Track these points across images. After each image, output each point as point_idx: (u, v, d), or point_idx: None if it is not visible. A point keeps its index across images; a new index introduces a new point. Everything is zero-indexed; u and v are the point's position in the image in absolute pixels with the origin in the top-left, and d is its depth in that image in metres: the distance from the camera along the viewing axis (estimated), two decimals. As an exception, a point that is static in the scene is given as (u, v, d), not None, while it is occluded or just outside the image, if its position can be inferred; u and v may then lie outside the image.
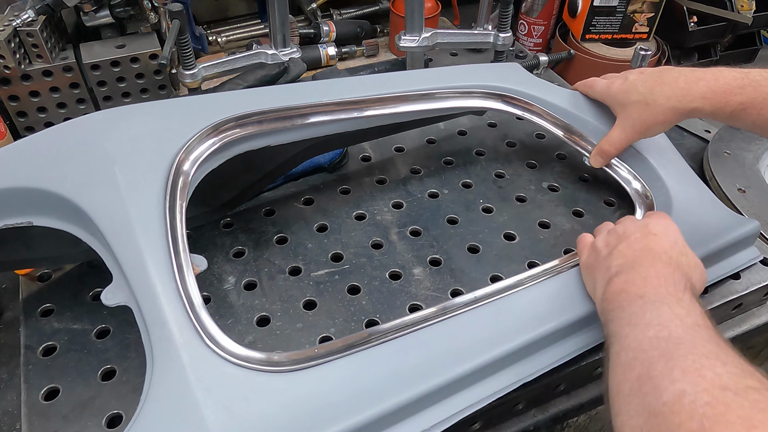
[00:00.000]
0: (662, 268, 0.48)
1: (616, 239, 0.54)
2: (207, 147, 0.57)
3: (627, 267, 0.49)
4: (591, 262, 0.55)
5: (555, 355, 0.55)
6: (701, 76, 0.59)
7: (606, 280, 0.50)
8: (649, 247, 0.51)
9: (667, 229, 0.53)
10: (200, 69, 0.84)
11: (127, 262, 0.47)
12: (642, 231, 0.53)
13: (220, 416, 0.41)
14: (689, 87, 0.59)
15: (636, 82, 0.64)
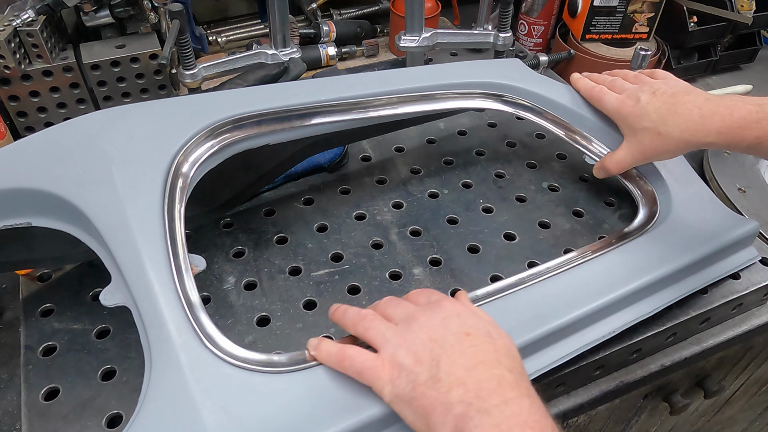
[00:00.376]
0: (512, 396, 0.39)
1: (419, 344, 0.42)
2: (206, 149, 0.57)
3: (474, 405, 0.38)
4: (406, 393, 0.41)
5: (554, 356, 0.55)
6: (716, 110, 0.58)
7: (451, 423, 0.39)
8: (478, 361, 0.41)
9: (473, 320, 0.44)
10: (200, 69, 0.84)
11: (125, 263, 0.47)
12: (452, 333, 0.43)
13: (218, 417, 0.41)
14: (704, 122, 0.58)
15: (648, 107, 0.62)
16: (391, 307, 0.47)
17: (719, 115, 0.57)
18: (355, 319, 0.47)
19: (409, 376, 0.41)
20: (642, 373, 0.65)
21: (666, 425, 0.95)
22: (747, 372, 0.90)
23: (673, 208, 0.65)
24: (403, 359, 0.42)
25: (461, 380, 0.40)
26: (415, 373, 0.41)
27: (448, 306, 0.45)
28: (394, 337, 0.43)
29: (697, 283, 0.63)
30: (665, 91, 0.62)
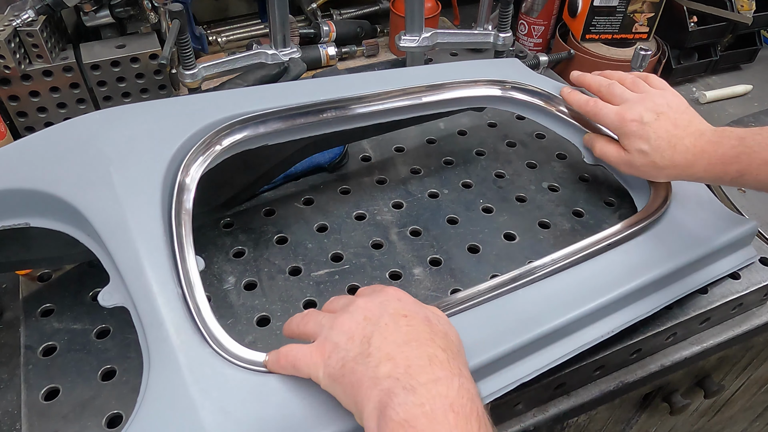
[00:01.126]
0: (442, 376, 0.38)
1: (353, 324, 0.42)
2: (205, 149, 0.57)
3: (402, 381, 0.37)
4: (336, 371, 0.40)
5: (554, 355, 0.55)
6: (704, 148, 0.59)
7: (376, 399, 0.38)
8: (411, 338, 0.40)
9: (411, 304, 0.44)
10: (200, 69, 0.84)
11: (124, 263, 0.47)
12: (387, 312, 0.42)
13: (216, 417, 0.41)
14: (695, 160, 0.60)
15: (650, 132, 0.62)
16: (335, 301, 0.47)
17: (707, 153, 0.59)
18: (298, 321, 0.46)
19: (339, 353, 0.41)
20: (642, 373, 0.65)
21: (666, 425, 0.95)
22: (747, 372, 0.90)
23: (672, 208, 0.65)
24: (336, 338, 0.41)
25: (391, 355, 0.39)
26: (346, 350, 0.40)
27: (390, 292, 0.45)
28: (329, 321, 0.43)
29: (696, 282, 0.63)
30: (668, 116, 0.62)
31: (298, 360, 0.43)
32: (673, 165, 0.61)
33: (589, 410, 0.65)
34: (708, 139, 0.60)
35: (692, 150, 0.60)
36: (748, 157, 0.56)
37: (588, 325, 0.56)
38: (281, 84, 0.69)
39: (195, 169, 0.55)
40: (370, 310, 0.42)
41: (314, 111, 0.64)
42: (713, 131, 0.60)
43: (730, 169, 0.57)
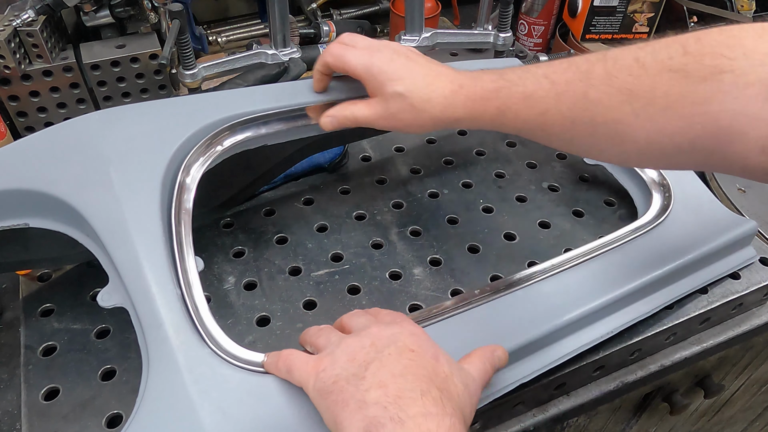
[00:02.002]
0: (434, 412, 0.37)
1: (359, 347, 0.41)
2: (205, 149, 0.57)
3: (389, 411, 0.37)
4: (326, 386, 0.40)
5: (553, 356, 0.55)
6: (463, 82, 0.54)
7: (360, 426, 0.37)
8: (409, 372, 0.39)
9: (424, 342, 0.43)
10: (200, 69, 0.84)
11: (123, 264, 0.47)
12: (395, 344, 0.41)
13: (215, 418, 0.41)
14: (454, 97, 0.54)
15: (403, 71, 0.55)
16: (355, 317, 0.47)
17: (465, 87, 0.54)
18: (313, 332, 0.47)
19: (335, 370, 0.40)
20: (642, 373, 0.65)
21: (666, 425, 0.94)
22: (747, 372, 0.90)
23: (672, 208, 0.65)
24: (337, 356, 0.41)
25: (383, 383, 0.38)
26: (342, 369, 0.40)
27: (407, 326, 0.44)
28: (338, 340, 0.43)
29: (695, 282, 0.63)
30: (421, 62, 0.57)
31: (294, 366, 0.43)
32: (431, 105, 0.54)
33: (589, 410, 0.65)
34: (466, 74, 0.55)
35: (450, 86, 0.54)
36: (508, 90, 0.51)
37: (588, 326, 0.56)
38: (281, 84, 0.69)
39: (195, 169, 0.55)
40: (380, 339, 0.42)
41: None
42: (469, 73, 0.56)
43: (489, 105, 0.52)
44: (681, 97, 0.42)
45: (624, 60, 0.45)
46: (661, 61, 0.43)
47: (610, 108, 0.45)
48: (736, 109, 0.40)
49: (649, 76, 0.44)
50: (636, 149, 0.46)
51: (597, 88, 0.46)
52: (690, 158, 0.44)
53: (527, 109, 0.50)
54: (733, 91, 0.40)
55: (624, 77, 0.45)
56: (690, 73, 0.42)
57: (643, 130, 0.44)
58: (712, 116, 0.41)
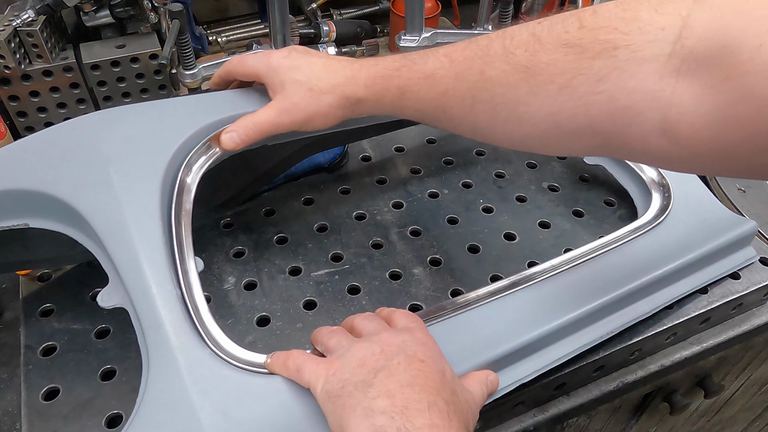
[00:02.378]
0: (440, 424, 0.37)
1: (369, 353, 0.41)
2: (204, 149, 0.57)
3: (396, 421, 0.37)
4: (334, 389, 0.40)
5: (553, 356, 0.55)
6: (364, 63, 0.53)
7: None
8: (417, 383, 0.39)
9: (433, 353, 0.43)
10: (200, 69, 0.84)
11: (123, 264, 0.47)
12: (405, 353, 0.41)
13: (216, 419, 0.41)
14: (354, 75, 0.52)
15: (301, 61, 0.54)
16: (366, 321, 0.47)
17: (365, 67, 0.52)
18: (325, 333, 0.46)
19: (344, 375, 0.40)
20: (642, 373, 0.65)
21: (666, 425, 0.94)
22: (747, 372, 0.90)
23: (671, 208, 0.65)
24: (347, 361, 0.41)
25: (391, 393, 0.38)
26: (351, 374, 0.40)
27: (417, 334, 0.44)
28: (349, 344, 0.43)
29: (695, 283, 0.63)
30: (321, 55, 0.56)
31: (304, 366, 0.43)
32: (331, 87, 0.52)
33: (589, 410, 0.65)
34: (368, 59, 0.54)
35: (350, 67, 0.53)
36: (409, 70, 0.49)
37: (588, 326, 0.56)
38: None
39: (195, 169, 0.55)
40: (389, 346, 0.42)
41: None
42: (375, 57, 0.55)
43: (391, 85, 0.50)
44: (578, 75, 0.40)
45: (521, 35, 0.43)
46: (557, 36, 0.41)
47: (507, 86, 0.43)
48: (632, 87, 0.37)
49: (546, 52, 0.41)
50: (537, 133, 0.44)
51: (494, 65, 0.44)
52: (591, 142, 0.42)
53: (428, 89, 0.48)
54: (629, 68, 0.37)
55: (521, 54, 0.43)
56: (586, 48, 0.39)
57: (541, 111, 0.42)
58: (608, 95, 0.39)
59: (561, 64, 0.40)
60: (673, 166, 0.41)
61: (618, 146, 0.41)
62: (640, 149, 0.40)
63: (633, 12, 0.38)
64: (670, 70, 0.36)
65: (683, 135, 0.36)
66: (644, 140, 0.39)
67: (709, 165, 0.38)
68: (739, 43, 0.33)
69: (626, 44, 0.38)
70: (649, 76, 0.37)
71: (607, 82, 0.38)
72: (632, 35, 0.38)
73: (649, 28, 0.37)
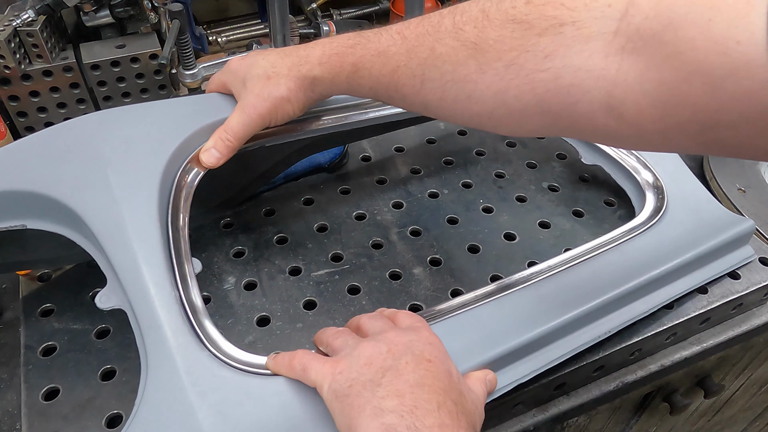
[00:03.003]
0: (449, 424, 0.38)
1: (376, 352, 0.41)
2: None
3: (406, 420, 0.37)
4: (342, 389, 0.40)
5: (552, 356, 0.55)
6: (319, 42, 0.52)
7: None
8: (426, 383, 0.39)
9: (440, 353, 0.43)
10: (200, 69, 0.84)
11: (121, 265, 0.47)
12: (412, 352, 0.41)
13: (214, 420, 0.41)
14: (307, 53, 0.52)
15: (258, 57, 0.55)
16: (372, 320, 0.47)
17: (320, 45, 0.52)
18: (330, 333, 0.46)
19: (351, 374, 0.40)
20: (642, 373, 0.65)
21: (666, 425, 0.94)
22: (747, 372, 0.90)
23: (669, 208, 0.65)
24: (354, 360, 0.41)
25: (401, 392, 0.38)
26: (359, 373, 0.40)
27: (424, 334, 0.44)
28: (355, 343, 0.43)
29: (694, 281, 0.63)
30: (279, 48, 0.56)
31: (310, 366, 0.43)
32: (287, 68, 0.52)
33: (589, 410, 0.65)
34: (323, 39, 0.53)
35: (304, 48, 0.53)
36: (363, 47, 0.49)
37: (587, 325, 0.56)
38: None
39: (193, 170, 0.55)
40: (396, 345, 0.42)
41: (313, 116, 0.64)
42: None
43: (345, 62, 0.50)
44: (524, 52, 0.39)
45: (471, 11, 0.43)
46: (504, 11, 0.41)
47: (456, 63, 0.43)
48: (577, 65, 0.37)
49: (494, 28, 0.41)
50: (486, 111, 0.43)
51: (444, 42, 0.44)
52: (541, 121, 0.41)
53: (380, 66, 0.47)
54: (575, 45, 0.37)
55: (470, 30, 0.42)
56: (532, 25, 0.39)
57: (489, 89, 0.42)
58: (554, 72, 0.38)
59: (508, 41, 0.40)
60: (622, 144, 0.41)
61: (566, 125, 0.41)
62: (589, 128, 0.39)
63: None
64: (616, 48, 0.36)
65: (629, 113, 0.36)
66: (591, 118, 0.38)
67: (657, 142, 0.38)
68: (687, 19, 0.32)
69: (572, 20, 0.37)
70: (594, 54, 0.36)
71: (553, 59, 0.38)
72: (578, 11, 0.37)
73: (596, 5, 0.37)
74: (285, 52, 0.54)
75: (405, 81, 0.46)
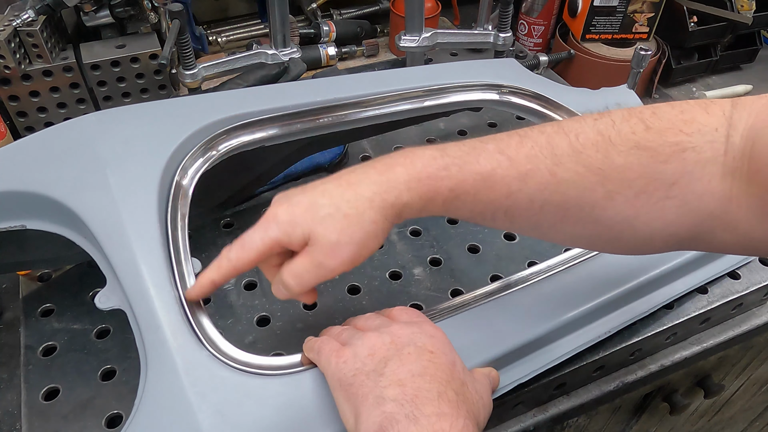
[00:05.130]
0: (448, 413, 0.38)
1: (380, 343, 0.42)
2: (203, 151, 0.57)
3: (405, 409, 0.37)
4: (347, 378, 0.40)
5: (551, 356, 0.55)
6: (393, 161, 0.44)
7: (377, 420, 0.37)
8: (428, 373, 0.40)
9: (443, 345, 0.43)
10: (200, 69, 0.84)
11: (120, 266, 0.47)
12: (414, 344, 0.41)
13: (214, 420, 0.41)
14: (389, 178, 0.43)
15: (314, 193, 0.45)
16: (370, 320, 0.47)
17: (399, 165, 0.43)
18: (338, 331, 0.47)
19: (355, 364, 0.41)
20: (642, 373, 0.65)
21: (666, 425, 0.94)
22: (747, 372, 0.90)
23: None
24: (358, 350, 0.42)
25: (402, 381, 0.39)
26: (363, 363, 0.41)
27: (426, 327, 0.44)
28: (361, 335, 0.44)
29: (693, 281, 0.63)
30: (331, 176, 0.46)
31: (323, 348, 0.44)
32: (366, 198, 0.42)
33: (589, 410, 0.65)
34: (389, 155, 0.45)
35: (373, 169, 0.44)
36: (460, 170, 0.43)
37: (587, 325, 0.56)
38: (281, 84, 0.69)
39: (193, 171, 0.55)
40: (399, 337, 0.43)
41: (312, 116, 0.64)
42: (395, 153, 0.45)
43: (441, 186, 0.42)
44: (653, 180, 0.40)
45: (587, 133, 0.42)
46: (626, 137, 0.40)
47: (583, 189, 0.41)
48: (701, 190, 0.39)
49: (619, 154, 0.40)
50: (612, 235, 0.43)
51: (565, 166, 0.41)
52: (663, 243, 0.43)
53: (487, 190, 0.43)
54: (696, 171, 0.39)
55: (592, 154, 0.41)
56: (657, 152, 0.39)
57: (618, 215, 0.41)
58: (681, 199, 0.40)
59: (636, 168, 0.40)
60: (736, 252, 0.43)
61: (686, 244, 0.43)
62: (705, 243, 0.42)
63: (690, 114, 0.40)
64: (727, 170, 0.38)
65: (741, 227, 0.39)
66: (711, 234, 0.40)
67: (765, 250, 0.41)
68: (764, 139, 0.36)
69: (692, 146, 0.39)
70: (713, 178, 0.39)
71: (680, 186, 0.40)
72: (695, 136, 0.39)
73: (707, 129, 0.39)
74: (349, 179, 0.44)
75: (520, 204, 0.43)
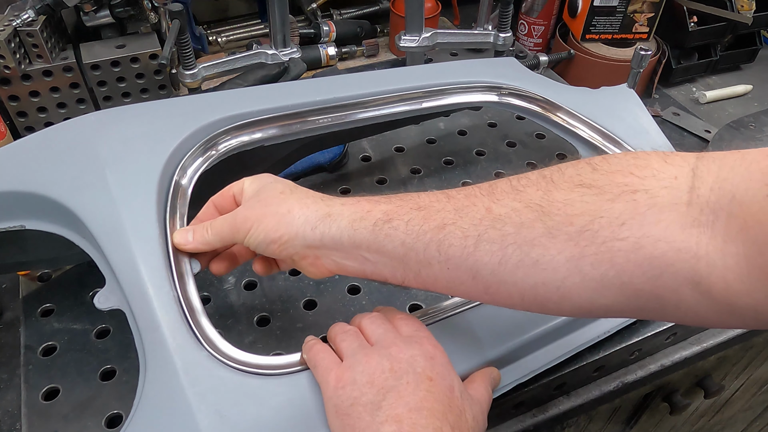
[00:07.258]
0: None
1: (379, 370, 0.41)
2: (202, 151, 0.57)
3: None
4: (344, 406, 0.40)
5: (551, 356, 0.55)
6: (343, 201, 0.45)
7: None
8: (425, 407, 0.39)
9: (442, 368, 0.43)
10: (200, 69, 0.84)
11: (119, 266, 0.47)
12: (414, 370, 0.41)
13: (213, 421, 0.41)
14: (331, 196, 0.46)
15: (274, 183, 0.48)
16: (374, 325, 0.46)
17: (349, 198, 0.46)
18: (338, 331, 0.47)
19: (353, 392, 0.40)
20: (642, 373, 0.65)
21: (666, 425, 0.94)
22: (747, 372, 0.90)
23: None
24: (357, 376, 0.41)
25: (399, 417, 0.39)
26: (361, 393, 0.40)
27: (426, 347, 0.44)
28: (361, 353, 0.43)
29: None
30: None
31: (318, 366, 0.44)
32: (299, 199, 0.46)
33: (589, 410, 0.65)
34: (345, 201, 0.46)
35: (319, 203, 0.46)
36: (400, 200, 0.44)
37: (587, 325, 0.56)
38: (281, 84, 0.69)
39: (192, 171, 0.55)
40: (399, 363, 0.42)
41: (312, 116, 0.64)
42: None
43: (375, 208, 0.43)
44: (598, 217, 0.36)
45: (528, 177, 0.41)
46: (570, 177, 0.39)
47: (520, 225, 0.38)
48: (656, 236, 0.35)
49: (560, 191, 0.38)
50: (557, 279, 0.38)
51: (502, 202, 0.40)
52: (620, 295, 0.37)
53: (421, 220, 0.41)
54: (649, 215, 0.35)
55: (532, 192, 0.39)
56: (603, 190, 0.37)
57: (561, 254, 0.37)
58: (633, 242, 0.35)
59: (578, 205, 0.37)
60: (714, 324, 0.38)
61: (649, 299, 0.37)
62: (673, 302, 0.36)
63: (644, 160, 0.37)
64: (691, 220, 0.34)
65: (716, 289, 0.34)
66: (676, 292, 0.35)
67: (750, 319, 0.35)
68: (748, 195, 0.32)
69: (644, 188, 0.36)
70: (671, 224, 0.35)
71: (631, 228, 0.35)
72: (648, 180, 0.36)
73: (663, 176, 0.36)
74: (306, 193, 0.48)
75: (454, 240, 0.40)
